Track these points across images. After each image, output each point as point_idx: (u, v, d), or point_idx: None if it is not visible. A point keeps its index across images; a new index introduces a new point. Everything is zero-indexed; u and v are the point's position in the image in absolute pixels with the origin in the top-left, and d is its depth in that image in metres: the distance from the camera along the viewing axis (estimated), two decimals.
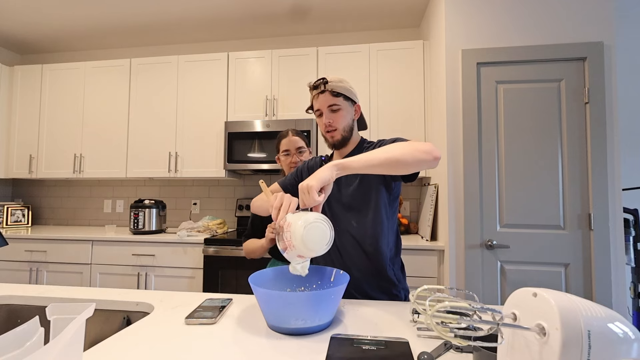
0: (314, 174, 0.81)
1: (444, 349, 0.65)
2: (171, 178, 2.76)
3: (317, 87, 1.08)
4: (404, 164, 0.84)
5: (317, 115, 1.11)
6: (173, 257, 2.31)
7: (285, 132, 1.48)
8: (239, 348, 0.67)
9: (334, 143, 1.10)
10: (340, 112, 1.07)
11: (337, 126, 1.07)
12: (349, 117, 1.09)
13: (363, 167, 0.83)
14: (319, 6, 2.52)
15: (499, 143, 1.92)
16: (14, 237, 2.49)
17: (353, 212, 1.07)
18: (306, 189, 0.77)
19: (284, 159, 1.44)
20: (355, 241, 1.06)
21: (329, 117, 1.07)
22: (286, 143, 1.43)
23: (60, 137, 2.85)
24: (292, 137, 1.43)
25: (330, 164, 0.82)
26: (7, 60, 3.26)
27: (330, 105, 1.06)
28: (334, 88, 1.05)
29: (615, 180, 1.80)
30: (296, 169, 1.24)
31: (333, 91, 1.05)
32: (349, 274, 0.91)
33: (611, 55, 1.84)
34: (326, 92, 1.06)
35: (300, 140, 1.44)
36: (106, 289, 1.05)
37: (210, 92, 2.67)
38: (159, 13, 2.62)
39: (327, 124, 1.07)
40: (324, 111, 1.08)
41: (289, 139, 1.43)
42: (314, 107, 1.11)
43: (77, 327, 0.45)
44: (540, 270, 1.84)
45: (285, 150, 1.43)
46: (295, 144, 1.43)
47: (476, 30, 1.97)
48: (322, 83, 1.06)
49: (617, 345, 0.42)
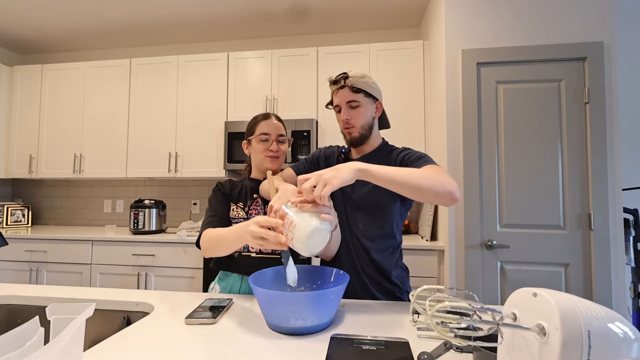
0: (337, 171, 0.76)
1: (444, 349, 0.65)
2: (171, 178, 2.76)
3: (336, 82, 1.03)
4: (422, 195, 0.83)
5: (337, 111, 1.07)
6: (173, 257, 2.31)
7: (265, 114, 1.21)
8: (239, 348, 0.67)
9: (352, 140, 1.06)
10: (360, 109, 1.03)
11: (355, 123, 1.04)
12: (369, 115, 1.05)
13: (385, 180, 0.81)
14: (319, 6, 2.52)
15: (499, 143, 1.92)
16: (14, 237, 2.49)
17: (361, 212, 1.05)
18: (323, 183, 0.74)
19: (258, 145, 1.15)
20: (360, 243, 1.05)
21: (348, 113, 1.03)
22: (266, 126, 1.15)
23: (60, 137, 2.85)
24: (274, 121, 1.17)
25: (354, 166, 0.78)
26: (7, 60, 3.26)
27: (350, 102, 1.02)
28: (354, 83, 1.01)
29: (615, 180, 1.80)
30: (312, 155, 1.19)
31: (353, 87, 1.01)
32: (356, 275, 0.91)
33: (611, 55, 1.84)
34: (346, 87, 1.02)
35: (283, 128, 1.20)
36: (106, 289, 1.05)
37: (210, 92, 2.67)
38: (159, 13, 2.62)
39: (345, 121, 1.04)
40: (343, 107, 1.04)
41: (271, 122, 1.16)
42: (333, 102, 1.08)
43: (77, 327, 0.45)
44: (540, 270, 1.84)
45: (264, 133, 1.14)
46: (277, 129, 1.16)
47: (476, 30, 1.97)
48: (342, 78, 1.02)
49: (617, 345, 0.42)
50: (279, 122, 1.18)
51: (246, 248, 1.10)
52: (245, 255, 1.10)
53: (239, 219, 1.12)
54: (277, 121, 1.18)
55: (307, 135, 2.42)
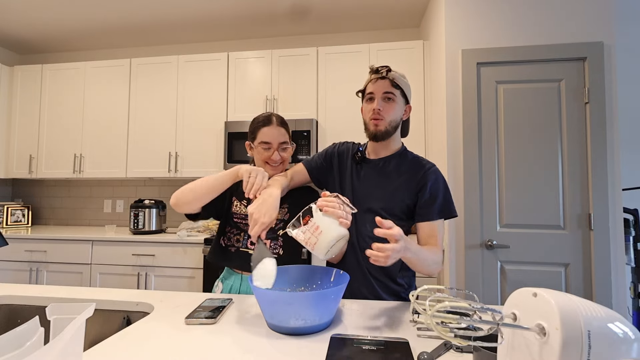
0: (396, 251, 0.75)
1: (444, 349, 0.65)
2: (171, 178, 2.76)
3: (378, 71, 1.03)
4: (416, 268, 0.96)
5: (367, 99, 1.05)
6: (173, 257, 2.31)
7: (266, 117, 1.13)
8: (239, 348, 0.67)
9: (376, 132, 1.03)
10: (393, 104, 1.02)
11: (385, 116, 1.02)
12: (399, 113, 1.05)
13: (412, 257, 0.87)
14: (319, 6, 2.52)
15: (499, 143, 1.92)
16: (14, 237, 2.49)
17: (372, 215, 1.02)
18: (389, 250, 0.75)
19: (259, 152, 1.12)
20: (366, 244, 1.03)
21: (381, 104, 1.01)
22: (268, 133, 1.10)
23: (60, 137, 2.85)
24: (276, 127, 1.11)
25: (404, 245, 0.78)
26: (7, 60, 3.26)
27: (386, 92, 1.01)
28: (395, 78, 1.01)
29: (615, 180, 1.80)
30: (325, 150, 1.18)
31: (394, 81, 1.01)
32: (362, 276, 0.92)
33: (611, 55, 1.84)
34: (387, 79, 1.01)
35: (286, 133, 1.14)
36: (106, 289, 1.05)
37: (210, 92, 2.67)
38: (159, 13, 2.62)
39: (376, 110, 1.01)
40: (378, 97, 1.02)
41: (273, 129, 1.11)
42: (366, 90, 1.05)
43: (77, 327, 0.45)
44: (540, 270, 1.84)
45: (265, 142, 1.10)
46: (279, 137, 1.11)
47: (476, 30, 1.97)
48: (385, 69, 1.02)
49: (617, 345, 0.42)
50: (282, 126, 1.13)
51: (244, 245, 1.11)
52: (243, 251, 1.11)
53: (241, 214, 1.13)
54: (280, 126, 1.12)
55: (307, 135, 2.42)
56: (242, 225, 1.12)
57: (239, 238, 1.12)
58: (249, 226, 0.87)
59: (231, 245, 1.13)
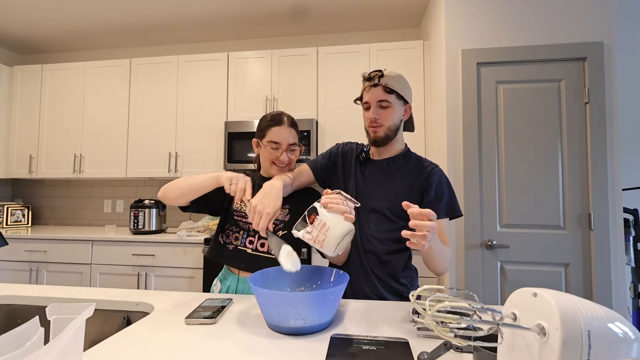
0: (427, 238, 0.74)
1: (444, 349, 0.65)
2: (171, 178, 2.75)
3: (370, 79, 1.01)
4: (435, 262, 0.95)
5: (365, 108, 1.05)
6: (173, 257, 2.31)
7: (277, 115, 1.12)
8: (239, 348, 0.67)
9: (376, 139, 1.04)
10: (389, 110, 1.01)
11: (382, 123, 1.02)
12: (398, 117, 1.04)
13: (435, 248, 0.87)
14: (319, 6, 2.52)
15: (499, 143, 1.92)
16: (14, 237, 2.49)
17: (376, 214, 1.04)
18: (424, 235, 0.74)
19: (267, 151, 1.11)
20: (370, 244, 1.04)
21: (377, 112, 1.01)
22: (278, 134, 1.09)
23: (60, 137, 2.85)
24: (287, 128, 1.11)
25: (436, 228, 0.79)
26: (7, 60, 3.26)
27: (380, 101, 1.00)
28: (388, 83, 0.99)
29: (615, 180, 1.80)
30: (329, 151, 1.17)
31: (387, 87, 0.99)
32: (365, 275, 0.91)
33: (611, 55, 1.84)
34: (379, 86, 0.99)
35: (296, 135, 1.14)
36: (106, 289, 1.05)
37: (210, 92, 2.67)
38: (159, 13, 2.62)
39: (372, 119, 1.01)
40: (373, 105, 1.01)
41: (284, 130, 1.10)
42: (362, 98, 1.05)
43: (77, 327, 0.45)
44: (540, 270, 1.84)
45: (274, 142, 1.09)
46: (289, 138, 1.10)
47: (476, 30, 1.97)
48: (377, 76, 1.00)
49: (617, 345, 0.42)
50: (293, 127, 1.12)
51: (243, 243, 1.11)
52: (241, 249, 1.11)
53: (241, 212, 1.13)
54: (291, 127, 1.12)
55: (307, 135, 2.42)
56: (242, 224, 1.12)
57: (238, 236, 1.12)
58: (252, 219, 0.86)
59: (229, 242, 1.13)
